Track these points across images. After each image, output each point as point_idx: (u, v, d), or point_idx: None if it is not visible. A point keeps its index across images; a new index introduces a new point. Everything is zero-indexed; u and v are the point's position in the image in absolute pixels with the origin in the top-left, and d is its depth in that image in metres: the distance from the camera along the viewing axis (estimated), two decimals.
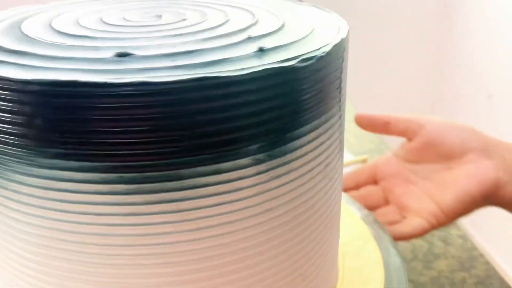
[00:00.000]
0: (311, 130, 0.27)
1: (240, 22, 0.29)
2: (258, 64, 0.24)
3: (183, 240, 0.25)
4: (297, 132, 0.26)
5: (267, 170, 0.25)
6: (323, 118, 0.27)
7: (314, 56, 0.25)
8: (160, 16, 0.31)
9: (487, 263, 0.50)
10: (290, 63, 0.24)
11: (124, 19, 0.31)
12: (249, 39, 0.27)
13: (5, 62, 0.24)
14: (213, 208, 0.25)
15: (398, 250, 0.37)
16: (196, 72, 0.23)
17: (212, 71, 0.23)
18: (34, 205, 0.25)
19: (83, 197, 0.24)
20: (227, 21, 0.30)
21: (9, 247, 0.27)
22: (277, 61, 0.24)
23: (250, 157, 0.25)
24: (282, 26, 0.29)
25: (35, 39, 0.27)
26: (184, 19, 0.30)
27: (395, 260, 0.36)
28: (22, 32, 0.29)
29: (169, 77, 0.22)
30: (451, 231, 0.55)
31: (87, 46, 0.26)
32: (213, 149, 0.24)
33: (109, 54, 0.25)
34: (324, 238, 0.31)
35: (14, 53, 0.25)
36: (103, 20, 0.31)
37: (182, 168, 0.24)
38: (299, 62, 0.25)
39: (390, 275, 0.35)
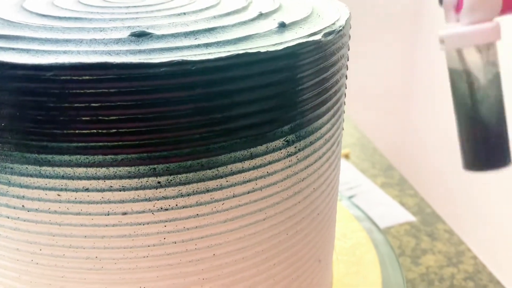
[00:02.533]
0: (330, 108, 0.26)
1: (234, 2, 0.28)
2: (286, 40, 0.22)
3: (215, 233, 0.23)
4: (321, 109, 0.25)
5: (295, 152, 0.24)
6: (338, 95, 0.27)
7: (334, 30, 0.24)
8: None
9: (475, 257, 0.51)
10: (317, 37, 0.23)
11: (103, 0, 0.28)
12: (261, 15, 0.25)
13: (2, 48, 0.21)
14: (245, 196, 0.23)
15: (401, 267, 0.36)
16: (230, 49, 0.21)
17: (245, 47, 0.21)
18: (43, 211, 0.22)
19: (106, 196, 0.21)
20: (219, 2, 0.28)
21: (15, 259, 0.23)
22: (306, 35, 0.23)
23: (282, 139, 0.23)
24: (280, 6, 0.28)
25: (20, 23, 0.24)
26: None
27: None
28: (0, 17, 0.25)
29: (207, 55, 0.20)
30: (437, 225, 0.56)
31: (88, 28, 0.23)
32: (248, 131, 0.22)
33: (123, 34, 0.22)
34: (332, 221, 0.30)
35: (3, 38, 0.22)
36: (81, 1, 0.28)
37: (218, 154, 0.22)
38: (323, 36, 0.24)
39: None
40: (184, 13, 0.25)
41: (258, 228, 0.24)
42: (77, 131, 0.20)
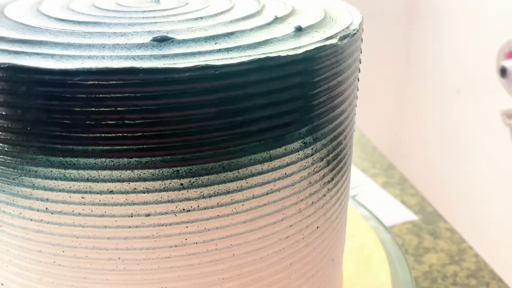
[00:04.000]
0: (344, 110, 0.26)
1: (248, 6, 0.28)
2: (304, 44, 0.23)
3: (234, 233, 0.24)
4: (336, 111, 0.25)
5: (312, 154, 0.25)
6: (351, 97, 0.27)
7: (349, 34, 0.25)
8: (158, 1, 0.29)
9: (476, 255, 0.52)
10: (333, 41, 0.24)
11: (118, 4, 0.28)
12: (277, 19, 0.26)
13: (26, 53, 0.21)
14: (264, 197, 0.24)
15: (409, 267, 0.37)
16: (251, 54, 0.22)
17: (265, 51, 0.22)
18: (67, 213, 0.22)
19: (130, 198, 0.22)
20: (233, 6, 0.29)
21: (37, 261, 0.24)
22: (322, 39, 0.24)
23: (300, 141, 0.24)
24: (293, 9, 0.28)
25: (40, 27, 0.24)
26: (187, 4, 0.29)
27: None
28: (14, 21, 0.25)
29: (229, 59, 0.21)
30: (439, 224, 0.57)
31: (108, 32, 0.23)
32: (268, 133, 0.23)
33: (144, 39, 0.23)
34: (344, 221, 0.30)
35: (26, 43, 0.22)
36: (96, 5, 0.28)
37: (239, 156, 0.22)
38: (339, 39, 0.24)
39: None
40: (201, 18, 0.26)
41: (276, 229, 0.25)
42: (103, 135, 0.21)
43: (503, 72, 0.33)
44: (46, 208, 0.22)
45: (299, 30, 0.24)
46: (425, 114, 1.28)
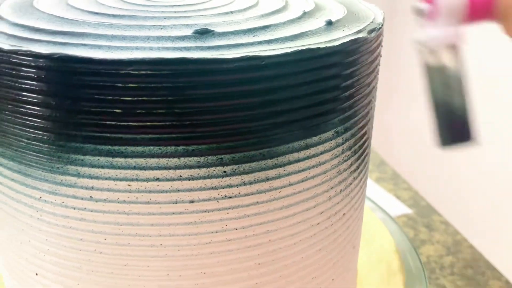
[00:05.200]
0: (370, 101, 0.27)
1: (272, 2, 0.29)
2: (337, 37, 0.24)
3: (271, 219, 0.24)
4: (364, 102, 0.27)
5: (342, 143, 0.26)
6: (375, 89, 0.28)
7: (375, 28, 0.26)
8: None
9: (471, 246, 0.54)
10: (363, 34, 0.25)
11: None
12: (305, 13, 0.27)
13: (73, 44, 0.22)
14: (300, 184, 0.25)
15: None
16: (290, 45, 0.22)
17: (302, 43, 0.23)
18: (112, 201, 0.23)
19: (175, 185, 0.23)
20: (258, 1, 0.29)
21: (77, 249, 0.24)
22: (353, 33, 0.25)
23: (333, 130, 0.25)
24: (317, 5, 0.29)
25: (76, 20, 0.25)
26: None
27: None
28: (47, 13, 0.26)
29: (273, 50, 0.22)
30: (433, 217, 0.59)
31: (148, 25, 0.24)
32: (305, 122, 0.24)
33: (183, 32, 0.23)
34: (363, 209, 0.32)
35: (68, 35, 0.23)
36: (124, 0, 0.29)
37: (278, 145, 0.23)
38: (367, 33, 0.25)
39: None
40: (231, 12, 0.27)
41: (309, 215, 0.26)
42: (152, 123, 0.21)
43: (419, 12, 0.40)
44: (91, 196, 0.23)
45: (329, 24, 0.25)
46: (412, 111, 1.31)
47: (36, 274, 0.26)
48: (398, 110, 1.40)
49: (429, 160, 1.19)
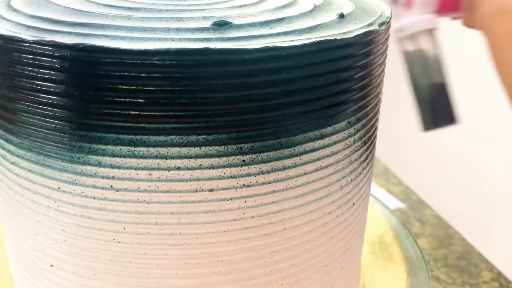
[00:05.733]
0: (379, 93, 0.28)
1: None
2: (351, 29, 0.25)
3: (287, 208, 0.25)
4: (374, 93, 0.27)
5: (354, 133, 0.26)
6: (383, 81, 0.29)
7: (385, 21, 0.27)
8: None
9: (463, 239, 0.55)
10: (374, 27, 0.26)
11: None
12: (316, 7, 0.27)
13: (95, 35, 0.22)
14: (314, 173, 0.25)
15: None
16: (307, 37, 0.23)
17: (318, 35, 0.23)
18: (133, 190, 0.23)
19: (195, 174, 0.23)
20: None
21: (95, 239, 0.24)
22: (365, 25, 0.25)
23: (346, 121, 0.25)
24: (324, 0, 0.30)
25: (93, 12, 0.25)
26: None
27: None
28: (63, 6, 0.26)
29: (292, 41, 0.22)
30: (425, 211, 0.60)
31: (165, 17, 0.24)
32: (321, 112, 0.24)
33: (201, 24, 0.24)
34: (368, 200, 0.32)
35: (87, 26, 0.23)
36: None
37: (295, 134, 0.24)
38: (378, 25, 0.26)
39: None
40: (244, 5, 0.27)
41: (322, 204, 0.26)
42: (175, 113, 0.22)
43: (395, 2, 0.42)
44: (111, 186, 0.23)
45: (341, 17, 0.26)
46: (400, 108, 1.32)
47: (51, 265, 0.27)
48: (386, 106, 1.42)
49: (419, 155, 1.20)
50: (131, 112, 0.22)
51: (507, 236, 0.97)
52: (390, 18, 0.27)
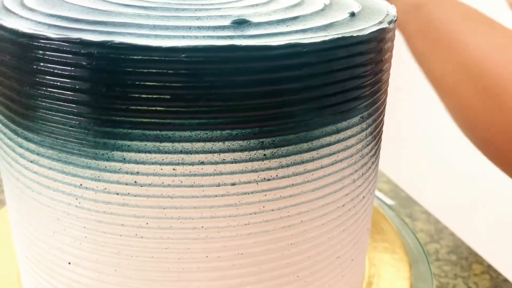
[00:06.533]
0: (387, 89, 0.29)
1: None
2: (363, 27, 0.25)
3: (304, 201, 0.26)
4: (383, 89, 0.28)
5: (366, 128, 0.27)
6: (389, 76, 0.30)
7: (392, 19, 0.28)
8: None
9: (452, 234, 0.57)
10: (385, 24, 0.26)
11: None
12: (326, 6, 0.28)
13: (119, 33, 0.22)
14: (330, 167, 0.26)
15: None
16: (325, 34, 0.24)
17: (334, 33, 0.24)
18: (157, 185, 0.24)
19: (218, 168, 0.24)
20: None
21: (117, 235, 0.25)
22: (376, 23, 0.26)
23: (359, 115, 0.26)
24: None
25: (112, 11, 0.25)
26: None
27: None
28: (78, 5, 0.26)
29: (312, 38, 0.23)
30: (414, 208, 0.61)
31: (184, 16, 0.25)
32: (337, 107, 0.25)
33: (220, 22, 0.24)
34: (374, 195, 0.33)
35: (108, 24, 0.23)
36: None
37: (313, 129, 0.25)
38: (387, 23, 0.27)
39: None
40: (256, 5, 0.28)
41: (336, 197, 0.27)
42: (201, 109, 0.22)
43: None
44: (135, 182, 0.24)
45: (352, 15, 0.27)
46: (389, 106, 1.35)
47: (69, 263, 0.27)
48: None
49: (407, 154, 1.23)
50: (157, 108, 0.22)
51: (494, 230, 0.99)
52: (396, 17, 0.28)
